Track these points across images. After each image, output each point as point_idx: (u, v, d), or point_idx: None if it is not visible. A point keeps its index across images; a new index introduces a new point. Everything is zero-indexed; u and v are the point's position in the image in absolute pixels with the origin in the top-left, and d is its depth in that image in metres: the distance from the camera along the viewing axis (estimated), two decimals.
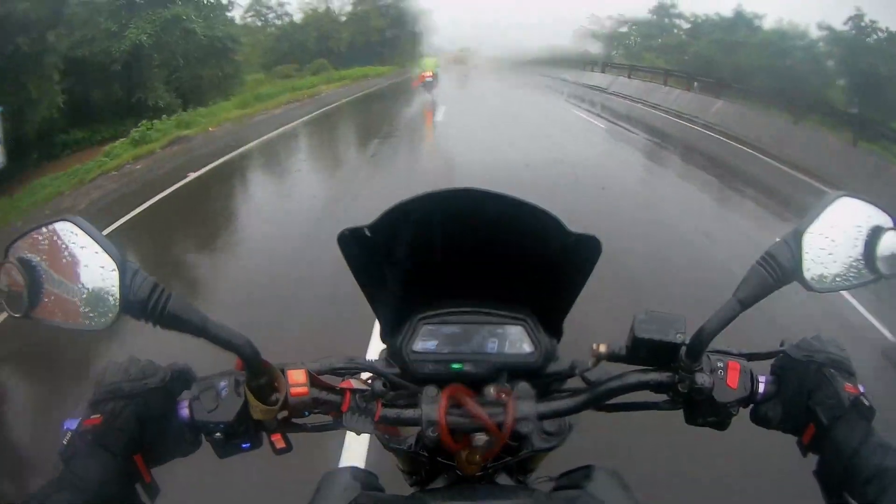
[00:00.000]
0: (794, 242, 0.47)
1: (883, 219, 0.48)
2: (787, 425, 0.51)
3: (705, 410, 0.51)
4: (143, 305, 0.39)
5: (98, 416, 0.43)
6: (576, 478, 0.59)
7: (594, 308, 1.62)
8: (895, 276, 0.48)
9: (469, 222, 0.49)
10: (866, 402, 0.46)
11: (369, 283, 0.53)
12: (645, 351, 0.51)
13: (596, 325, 1.31)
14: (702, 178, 7.07)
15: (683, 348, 0.49)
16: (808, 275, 0.47)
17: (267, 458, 0.52)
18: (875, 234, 0.47)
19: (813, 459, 0.49)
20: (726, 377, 0.50)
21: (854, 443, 0.44)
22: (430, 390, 0.49)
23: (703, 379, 0.49)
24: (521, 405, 0.48)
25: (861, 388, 0.50)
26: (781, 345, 0.53)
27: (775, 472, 1.53)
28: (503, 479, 0.59)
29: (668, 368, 0.51)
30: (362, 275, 0.51)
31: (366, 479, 0.55)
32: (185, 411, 0.46)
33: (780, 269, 0.46)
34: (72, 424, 0.43)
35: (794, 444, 0.51)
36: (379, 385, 0.50)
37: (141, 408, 0.44)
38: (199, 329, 0.41)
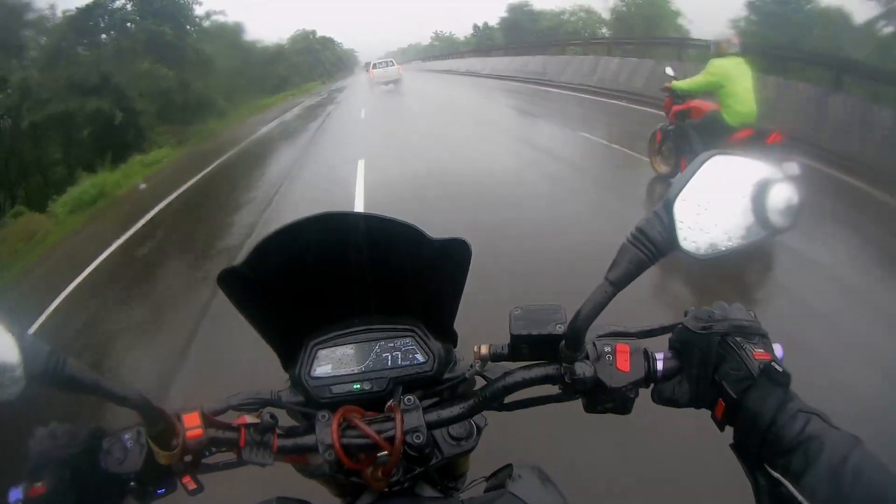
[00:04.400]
0: (666, 213, 0.46)
1: (767, 171, 0.47)
2: (695, 403, 0.51)
3: (602, 397, 0.52)
4: (43, 373, 0.43)
5: (41, 484, 0.47)
6: (500, 478, 0.63)
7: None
8: (792, 227, 0.46)
9: (338, 245, 0.54)
10: (779, 368, 0.45)
11: (258, 317, 0.58)
12: (526, 347, 0.53)
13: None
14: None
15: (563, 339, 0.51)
16: (686, 244, 0.46)
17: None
18: (763, 187, 0.46)
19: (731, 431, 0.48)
20: (615, 361, 0.51)
21: (769, 412, 0.43)
22: (323, 414, 0.52)
23: (582, 369, 0.50)
24: (409, 417, 0.52)
25: (778, 352, 0.49)
26: (685, 315, 0.52)
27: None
28: (428, 490, 0.62)
29: (552, 361, 0.52)
30: (249, 311, 0.57)
31: None
32: (103, 467, 0.51)
33: (652, 245, 0.45)
34: (17, 493, 0.47)
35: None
36: (268, 416, 0.53)
37: (73, 472, 0.49)
38: (94, 388, 0.45)
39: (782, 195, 0.45)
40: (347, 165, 7.25)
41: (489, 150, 7.63)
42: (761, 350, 0.48)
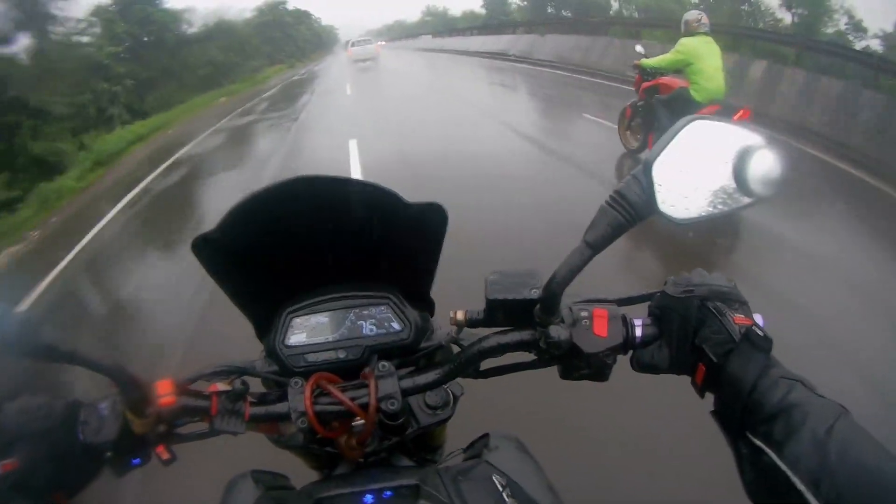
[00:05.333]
0: (644, 176, 0.44)
1: (749, 137, 0.45)
2: (675, 368, 0.50)
3: (578, 364, 0.51)
4: (17, 342, 0.42)
5: (13, 460, 0.45)
6: (477, 448, 0.62)
7: None
8: (772, 196, 0.45)
9: (312, 209, 0.53)
10: (760, 333, 0.44)
11: (232, 285, 0.57)
12: (502, 312, 0.52)
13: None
14: None
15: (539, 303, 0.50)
16: (665, 208, 0.44)
17: None
18: (744, 154, 0.44)
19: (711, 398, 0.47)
20: (592, 326, 0.50)
21: (750, 378, 0.42)
22: (296, 381, 0.51)
23: (557, 332, 0.49)
24: (384, 384, 0.51)
25: (758, 320, 0.48)
26: (665, 284, 0.52)
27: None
28: (405, 461, 0.62)
29: (528, 326, 0.51)
30: (223, 278, 0.55)
31: (271, 481, 0.59)
32: (80, 438, 0.49)
33: (631, 207, 0.44)
34: None
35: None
36: (239, 384, 0.52)
37: (48, 445, 0.48)
38: (70, 356, 0.44)
39: (763, 163, 0.44)
40: None
41: None
42: (741, 315, 0.47)
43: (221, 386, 0.52)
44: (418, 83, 14.44)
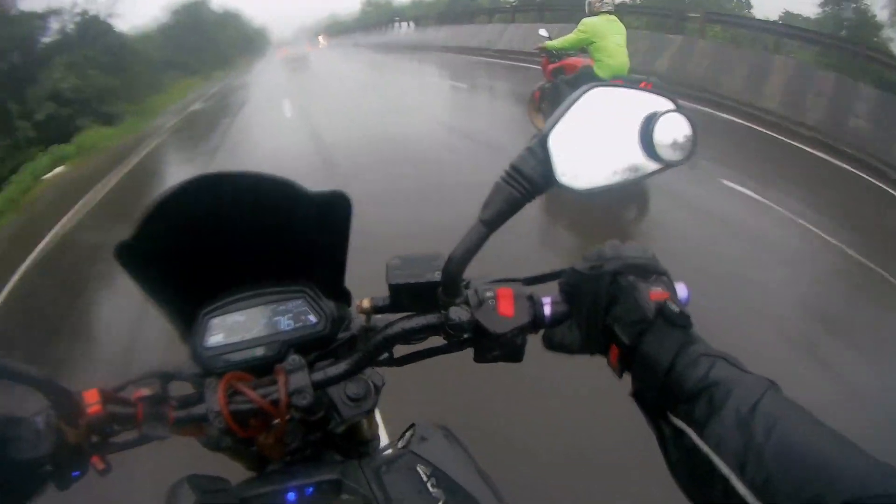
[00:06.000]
0: (541, 148, 0.43)
1: (655, 101, 0.44)
2: (588, 349, 0.48)
3: (488, 345, 0.50)
4: None
5: None
6: (406, 438, 0.63)
7: None
8: (682, 161, 0.43)
9: (217, 208, 0.52)
10: (675, 308, 0.41)
11: (153, 290, 0.55)
12: (406, 297, 0.52)
13: None
14: None
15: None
16: (565, 179, 0.43)
17: None
18: (650, 119, 0.43)
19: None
20: (497, 306, 0.49)
21: (667, 357, 0.39)
22: (210, 381, 0.50)
23: (457, 314, 0.48)
24: (295, 377, 0.50)
25: (681, 291, 0.46)
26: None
27: None
28: (336, 457, 0.63)
29: (433, 310, 0.51)
30: (145, 284, 0.55)
31: (208, 485, 0.58)
32: (14, 456, 0.47)
33: (527, 181, 0.43)
34: None
35: None
36: (157, 388, 0.51)
37: None
38: None
39: (670, 127, 0.42)
40: None
41: None
42: (659, 289, 0.44)
43: (146, 392, 0.51)
44: None
